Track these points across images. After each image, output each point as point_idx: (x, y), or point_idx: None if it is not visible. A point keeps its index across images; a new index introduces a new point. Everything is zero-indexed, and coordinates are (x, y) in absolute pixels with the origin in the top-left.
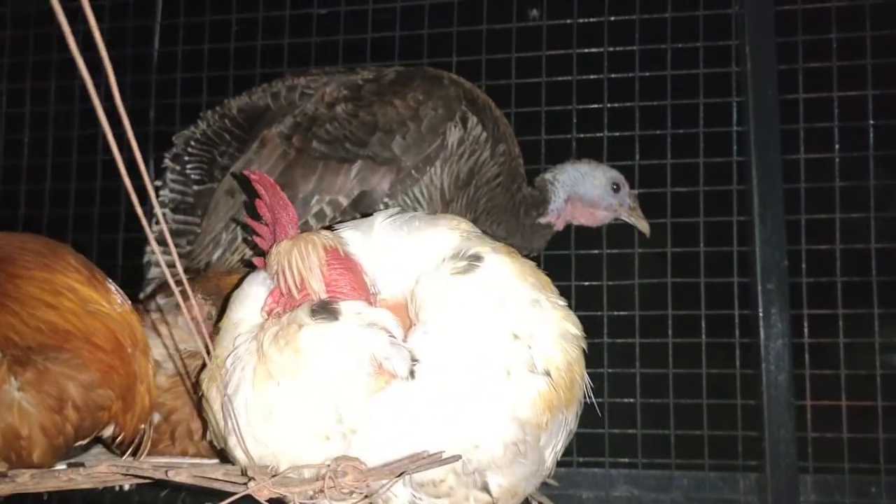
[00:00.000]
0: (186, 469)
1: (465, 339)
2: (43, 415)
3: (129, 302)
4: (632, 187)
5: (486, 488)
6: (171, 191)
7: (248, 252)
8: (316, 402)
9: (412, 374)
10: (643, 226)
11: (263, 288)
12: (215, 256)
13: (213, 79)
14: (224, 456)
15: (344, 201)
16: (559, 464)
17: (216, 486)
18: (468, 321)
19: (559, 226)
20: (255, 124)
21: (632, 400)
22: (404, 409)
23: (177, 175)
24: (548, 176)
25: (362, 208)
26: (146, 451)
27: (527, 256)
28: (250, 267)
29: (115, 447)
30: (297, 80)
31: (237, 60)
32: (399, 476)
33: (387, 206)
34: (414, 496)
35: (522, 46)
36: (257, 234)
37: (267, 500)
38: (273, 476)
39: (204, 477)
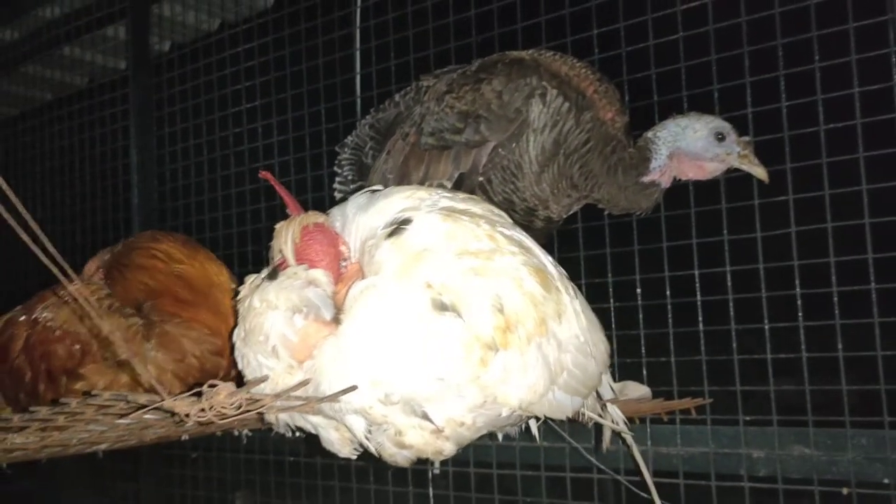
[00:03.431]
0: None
1: (387, 288)
2: (173, 365)
3: (216, 260)
4: (742, 134)
5: (426, 417)
6: (337, 191)
7: None
8: (265, 346)
9: (337, 321)
10: (758, 172)
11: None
12: None
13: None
14: None
15: (447, 184)
16: (723, 422)
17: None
18: (391, 273)
19: (666, 183)
20: (391, 127)
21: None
22: (337, 350)
23: (340, 177)
24: (649, 134)
25: (465, 189)
26: None
27: (635, 216)
28: None
29: None
30: (425, 81)
31: (397, 76)
32: (275, 402)
33: (490, 184)
34: (367, 423)
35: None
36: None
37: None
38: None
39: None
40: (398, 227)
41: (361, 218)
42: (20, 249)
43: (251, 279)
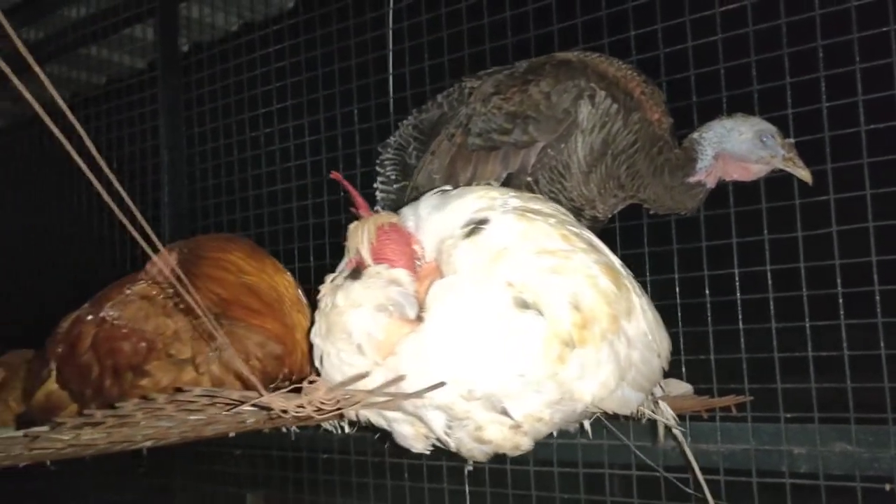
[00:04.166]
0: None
1: (467, 288)
2: (236, 365)
3: (285, 272)
4: (786, 136)
5: (505, 413)
6: (380, 191)
7: None
8: (348, 345)
9: (420, 319)
10: (803, 174)
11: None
12: None
13: (414, 95)
14: None
15: (495, 185)
16: (764, 419)
17: (234, 398)
18: (470, 273)
19: (711, 183)
20: (435, 128)
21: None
22: (419, 348)
23: (383, 177)
24: (694, 135)
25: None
26: None
27: (680, 216)
28: None
29: None
30: (469, 83)
31: (431, 77)
32: (369, 398)
33: (537, 184)
34: (447, 419)
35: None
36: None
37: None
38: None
39: (220, 396)
40: (476, 226)
41: (436, 218)
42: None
43: (330, 278)
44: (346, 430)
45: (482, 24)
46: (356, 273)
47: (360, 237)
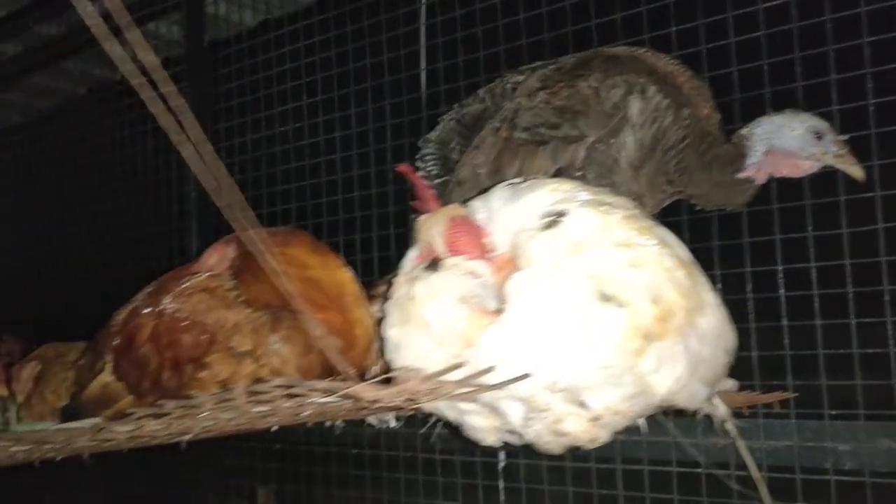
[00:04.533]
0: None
1: (547, 280)
2: (297, 359)
3: (347, 266)
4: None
5: (584, 405)
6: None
7: None
8: (428, 337)
9: (501, 311)
10: (854, 172)
11: (415, 254)
12: None
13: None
14: None
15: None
16: (808, 416)
17: (317, 391)
18: (550, 265)
19: (761, 179)
20: (477, 122)
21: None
22: (499, 339)
23: (423, 172)
24: (744, 131)
25: None
26: None
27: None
28: None
29: None
30: (511, 78)
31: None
32: (457, 389)
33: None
34: (526, 411)
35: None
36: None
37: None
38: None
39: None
40: (554, 219)
41: (509, 210)
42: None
43: (405, 270)
44: (392, 424)
45: (517, 19)
46: (434, 265)
47: (433, 229)
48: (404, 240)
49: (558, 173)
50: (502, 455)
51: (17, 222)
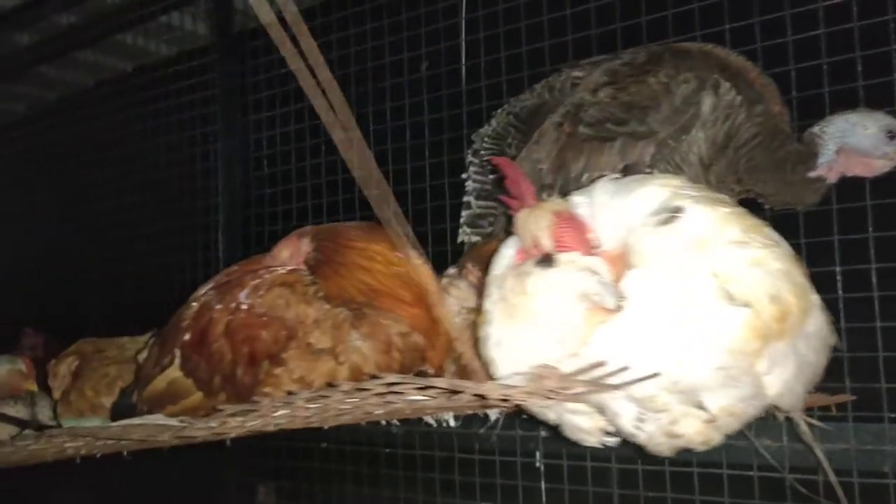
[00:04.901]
0: (442, 382)
1: (666, 277)
2: (377, 356)
3: (428, 263)
4: None
5: (701, 406)
6: (474, 181)
7: None
8: (542, 333)
9: (621, 308)
10: None
11: (512, 250)
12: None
13: (510, 82)
14: None
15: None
16: (867, 419)
17: (458, 389)
18: (669, 262)
19: (832, 178)
20: (535, 117)
21: None
22: (616, 337)
23: (477, 167)
24: (815, 129)
25: None
26: None
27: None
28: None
29: None
30: (570, 72)
31: (529, 63)
32: (593, 387)
33: None
34: (639, 412)
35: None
36: (509, 208)
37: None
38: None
39: (448, 387)
40: (670, 215)
41: (616, 205)
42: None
43: (504, 265)
44: (452, 423)
45: (564, 14)
46: (548, 261)
47: (538, 224)
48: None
49: (626, 170)
50: (538, 455)
51: (28, 218)
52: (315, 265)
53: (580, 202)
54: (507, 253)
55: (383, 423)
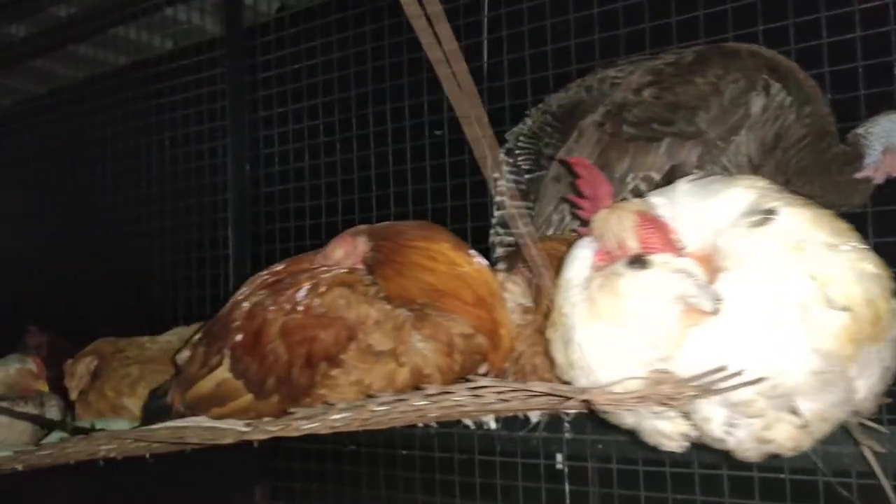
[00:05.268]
0: (539, 386)
1: (763, 280)
2: (439, 358)
3: (487, 264)
4: None
5: (795, 411)
6: (507, 180)
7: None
8: (634, 335)
9: (717, 311)
10: None
11: (588, 251)
12: (549, 234)
13: (534, 81)
14: None
15: (656, 176)
16: None
17: (548, 394)
18: (766, 265)
19: (879, 179)
20: (572, 116)
21: None
22: (711, 341)
23: (510, 167)
24: (860, 131)
25: (673, 181)
26: None
27: (843, 213)
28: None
29: None
30: (607, 72)
31: (554, 61)
32: (706, 391)
33: None
34: (730, 416)
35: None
36: (579, 208)
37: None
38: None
39: (552, 391)
40: (764, 216)
41: (701, 206)
42: None
43: (581, 265)
44: (493, 426)
45: (592, 13)
46: (640, 262)
47: (622, 225)
48: (463, 234)
49: (672, 171)
50: (560, 457)
51: (29, 215)
52: (374, 265)
53: (660, 203)
54: (582, 254)
55: (420, 425)
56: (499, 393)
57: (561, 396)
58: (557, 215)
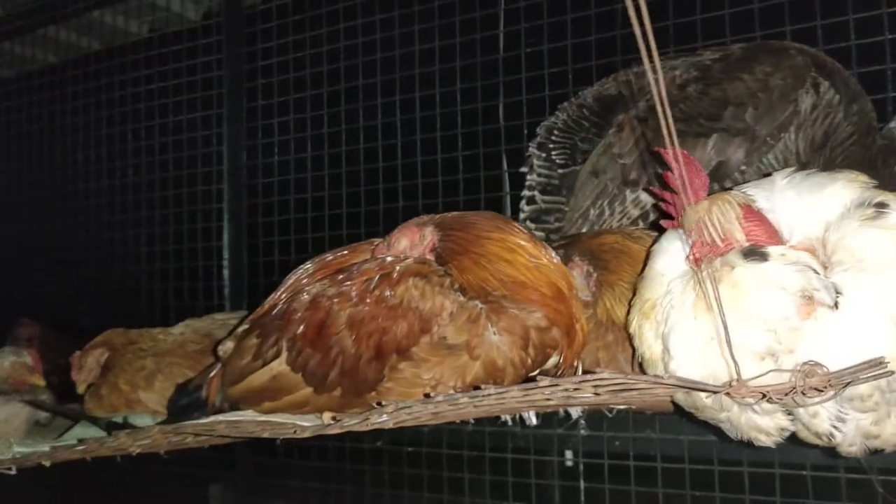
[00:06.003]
0: (671, 379)
1: (882, 274)
2: (513, 352)
3: (558, 257)
4: None
5: None
6: (539, 175)
7: (615, 224)
8: (755, 327)
9: (836, 304)
10: None
11: (678, 242)
12: (584, 230)
13: (553, 75)
14: None
15: None
16: None
17: (696, 388)
18: (884, 259)
19: None
20: (609, 111)
21: None
22: (830, 334)
23: (542, 161)
24: (892, 125)
25: (719, 177)
26: None
27: None
28: (657, 229)
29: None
30: (643, 67)
31: (574, 56)
32: (847, 383)
33: (743, 174)
34: (840, 411)
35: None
36: (664, 201)
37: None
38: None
39: (686, 383)
40: (877, 211)
41: (805, 200)
42: None
43: (671, 258)
44: (534, 422)
45: (614, 9)
46: (757, 254)
47: (726, 217)
48: None
49: (719, 167)
50: (569, 454)
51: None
52: (447, 256)
53: (759, 195)
54: (671, 247)
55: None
56: (621, 386)
57: (699, 390)
58: (595, 210)
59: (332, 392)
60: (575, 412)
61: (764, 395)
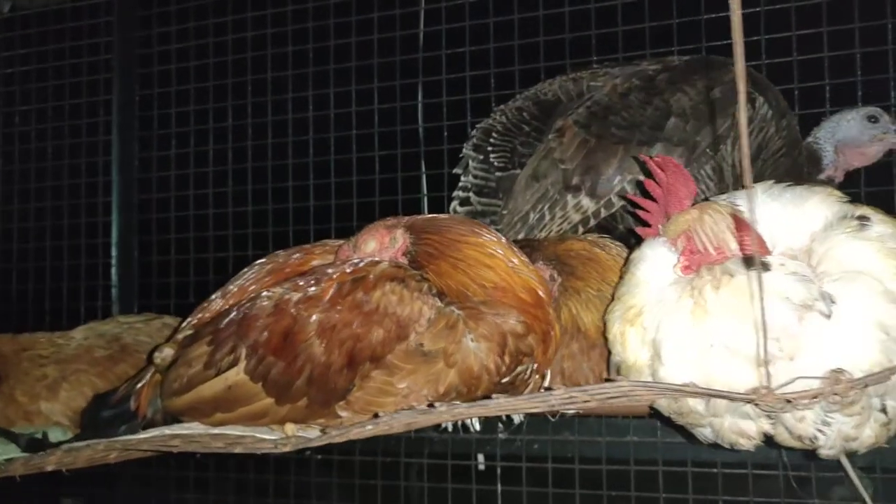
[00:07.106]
0: (695, 388)
1: (869, 283)
2: (490, 359)
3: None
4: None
5: (884, 409)
6: (475, 177)
7: (555, 228)
8: (752, 335)
9: (830, 313)
10: None
11: (661, 251)
12: (521, 235)
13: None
14: None
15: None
16: None
17: (724, 396)
18: (869, 269)
19: (839, 177)
20: (548, 115)
21: None
22: (824, 341)
23: (479, 163)
24: (809, 139)
25: None
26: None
27: None
28: (633, 237)
29: None
30: (580, 74)
31: (521, 57)
32: (865, 387)
33: None
34: (825, 415)
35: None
36: (642, 209)
37: None
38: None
39: (713, 391)
40: (860, 224)
41: (790, 212)
42: None
43: (654, 266)
44: (477, 428)
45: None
46: (757, 263)
47: (718, 226)
48: None
49: None
50: (481, 458)
51: None
52: (424, 259)
53: (741, 207)
54: (655, 254)
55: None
56: (646, 393)
57: (725, 397)
58: (536, 214)
59: (296, 402)
60: (517, 417)
61: (789, 402)
